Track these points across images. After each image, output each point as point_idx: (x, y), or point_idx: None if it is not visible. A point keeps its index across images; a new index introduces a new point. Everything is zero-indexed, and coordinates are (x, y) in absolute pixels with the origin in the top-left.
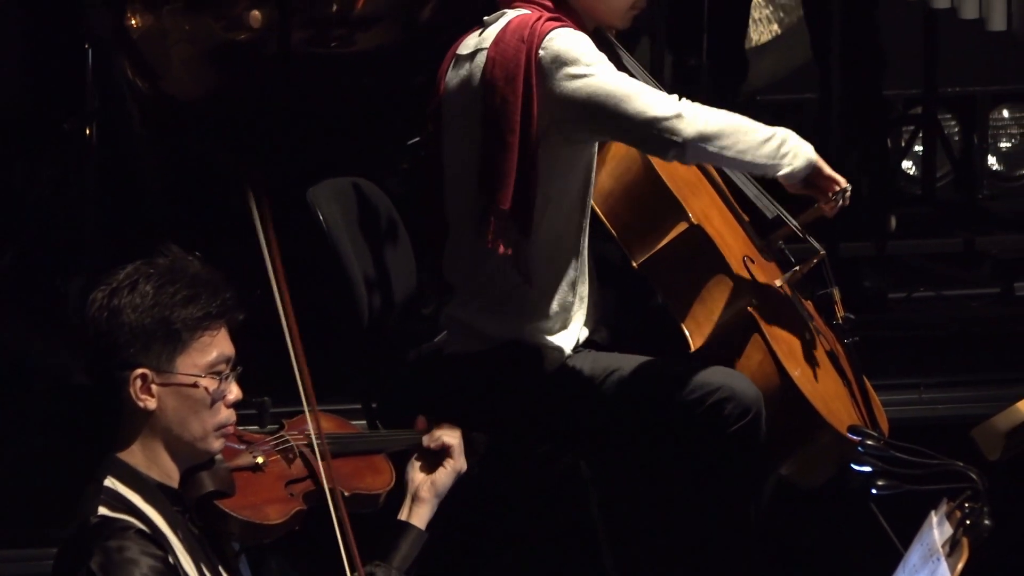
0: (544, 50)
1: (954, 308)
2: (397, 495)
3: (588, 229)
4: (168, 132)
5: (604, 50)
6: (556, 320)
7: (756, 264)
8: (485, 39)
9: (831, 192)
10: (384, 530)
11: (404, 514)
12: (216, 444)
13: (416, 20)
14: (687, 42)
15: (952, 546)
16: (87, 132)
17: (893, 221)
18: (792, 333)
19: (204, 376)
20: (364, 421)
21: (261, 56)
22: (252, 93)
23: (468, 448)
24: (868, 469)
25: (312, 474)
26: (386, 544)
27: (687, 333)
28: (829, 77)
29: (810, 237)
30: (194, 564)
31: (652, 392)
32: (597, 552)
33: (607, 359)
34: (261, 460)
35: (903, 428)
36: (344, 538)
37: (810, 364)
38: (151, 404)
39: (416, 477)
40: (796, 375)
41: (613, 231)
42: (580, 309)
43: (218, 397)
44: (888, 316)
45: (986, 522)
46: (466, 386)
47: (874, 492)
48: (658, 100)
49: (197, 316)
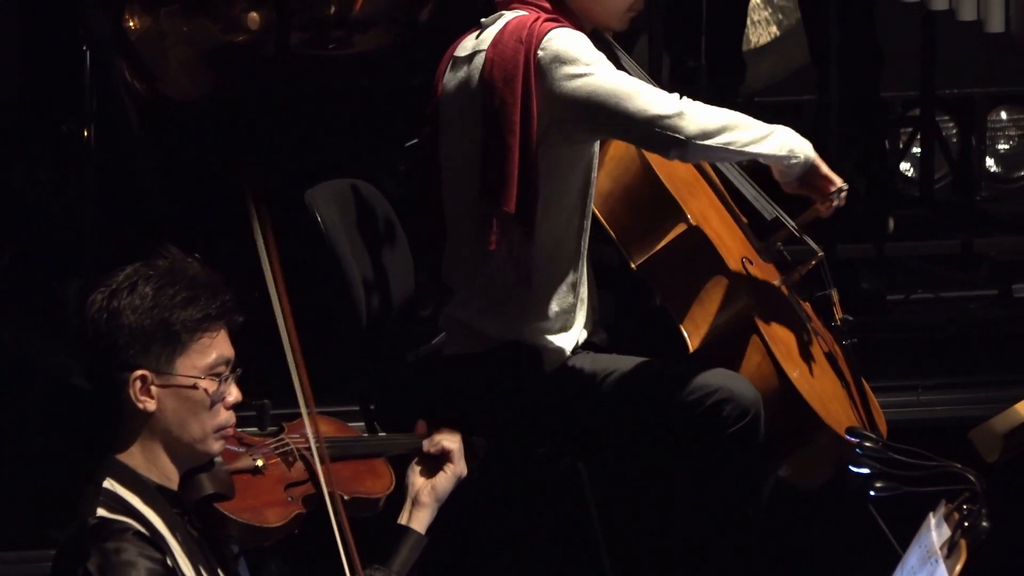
0: (543, 50)
1: (952, 310)
2: (397, 499)
3: (589, 231)
4: (166, 133)
5: (602, 51)
6: (557, 321)
7: (754, 265)
8: (483, 41)
9: (827, 191)
10: (384, 534)
11: (404, 518)
12: (215, 446)
13: (414, 22)
14: (685, 43)
15: (950, 548)
16: (86, 133)
17: (891, 223)
18: (791, 334)
19: (204, 378)
20: (363, 423)
21: (259, 58)
22: (250, 95)
23: (468, 453)
24: (866, 470)
25: (312, 477)
26: (386, 548)
27: (685, 334)
28: (827, 79)
29: (808, 238)
30: (193, 566)
31: (651, 393)
32: (597, 552)
33: (606, 360)
34: (261, 463)
35: (901, 430)
36: (344, 542)
37: (808, 365)
38: (150, 406)
39: (416, 481)
40: (795, 376)
41: (611, 232)
42: (580, 310)
43: (217, 399)
44: (886, 318)
45: (984, 524)
46: (465, 387)
47: (872, 493)
48: (659, 98)
49: (196, 318)
